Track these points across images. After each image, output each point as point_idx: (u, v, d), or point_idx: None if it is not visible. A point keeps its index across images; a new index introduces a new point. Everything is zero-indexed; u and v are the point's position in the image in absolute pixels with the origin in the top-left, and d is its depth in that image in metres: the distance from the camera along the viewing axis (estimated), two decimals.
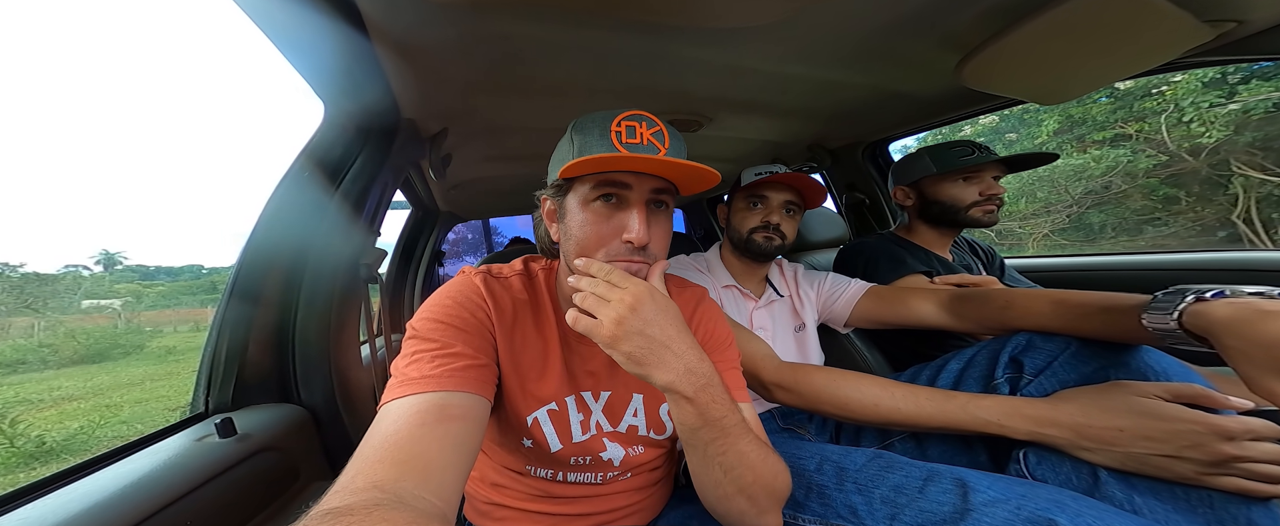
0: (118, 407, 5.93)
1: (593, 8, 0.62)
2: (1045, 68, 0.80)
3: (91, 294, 14.60)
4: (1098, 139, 5.25)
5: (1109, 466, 0.53)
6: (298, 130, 0.82)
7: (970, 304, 0.80)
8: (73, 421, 5.40)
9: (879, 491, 0.55)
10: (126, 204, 56.89)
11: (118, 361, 9.45)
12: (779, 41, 0.77)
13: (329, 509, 0.31)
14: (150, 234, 47.28)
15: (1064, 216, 5.59)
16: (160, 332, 13.13)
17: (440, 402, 0.43)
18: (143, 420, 5.43)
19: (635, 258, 0.51)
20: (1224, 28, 0.70)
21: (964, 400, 0.62)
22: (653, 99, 1.00)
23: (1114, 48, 0.73)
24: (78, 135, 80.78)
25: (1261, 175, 4.29)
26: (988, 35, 0.74)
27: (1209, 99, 4.39)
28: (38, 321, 12.29)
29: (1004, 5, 0.68)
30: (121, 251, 20.33)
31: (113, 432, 5.02)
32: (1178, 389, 0.51)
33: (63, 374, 8.60)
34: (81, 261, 18.77)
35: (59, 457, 4.49)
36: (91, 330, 10.96)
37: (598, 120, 0.51)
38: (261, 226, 0.73)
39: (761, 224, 0.91)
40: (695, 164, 0.47)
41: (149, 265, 25.52)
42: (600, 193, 0.50)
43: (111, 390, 6.97)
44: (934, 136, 1.60)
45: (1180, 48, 0.72)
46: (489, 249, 3.56)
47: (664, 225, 0.54)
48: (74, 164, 65.11)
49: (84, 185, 61.38)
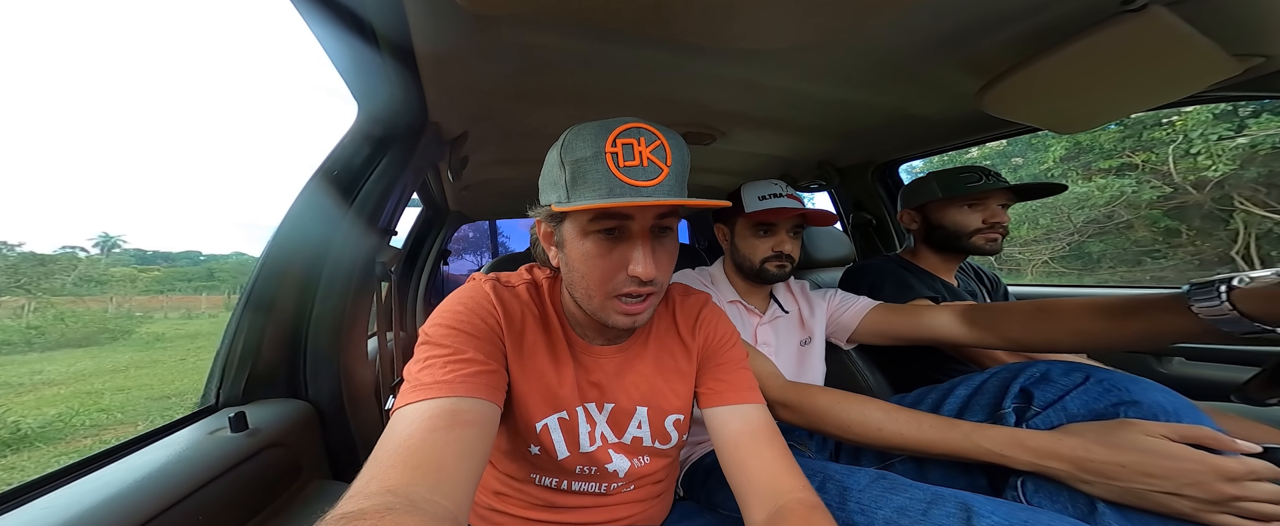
0: (98, 394, 5.86)
1: (624, 24, 0.63)
2: (1067, 97, 0.79)
3: (86, 277, 14.56)
4: (1103, 167, 5.27)
5: (1107, 499, 0.53)
6: (311, 127, 0.83)
7: (990, 314, 0.79)
8: (51, 408, 5.34)
9: (882, 513, 0.55)
10: (133, 186, 56.82)
11: (104, 347, 9.37)
12: (799, 60, 0.78)
13: (343, 513, 0.31)
14: (152, 218, 47.34)
15: (1064, 244, 5.61)
16: (150, 318, 13.06)
17: (452, 408, 0.43)
18: (123, 409, 5.38)
19: (643, 290, 0.49)
20: (1251, 62, 0.69)
21: (967, 429, 0.62)
22: (668, 111, 1.01)
23: (1141, 78, 0.71)
24: (98, 116, 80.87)
25: (1263, 212, 4.31)
26: (1014, 62, 0.73)
27: (1218, 131, 4.40)
28: (29, 302, 12.25)
29: (1033, 32, 0.67)
30: (122, 234, 20.15)
31: (90, 420, 4.96)
32: (1185, 430, 0.51)
33: (47, 358, 8.53)
34: (80, 243, 18.66)
35: (33, 445, 4.43)
36: (81, 313, 10.90)
37: (590, 137, 0.46)
38: (289, 221, 0.74)
39: (773, 253, 0.91)
40: (703, 202, 0.45)
41: (147, 249, 25.29)
42: (600, 226, 0.48)
43: (93, 376, 6.87)
44: (942, 160, 1.62)
45: (1207, 81, 0.70)
46: (493, 250, 3.57)
47: (669, 249, 0.52)
48: (87, 144, 65.12)
49: (94, 165, 61.43)
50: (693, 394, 0.63)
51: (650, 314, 0.53)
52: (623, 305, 0.50)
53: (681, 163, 0.48)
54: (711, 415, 0.60)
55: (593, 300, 0.51)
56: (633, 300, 0.50)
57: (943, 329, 0.84)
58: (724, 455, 0.57)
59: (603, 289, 0.50)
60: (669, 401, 0.61)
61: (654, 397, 0.61)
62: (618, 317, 0.51)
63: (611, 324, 0.52)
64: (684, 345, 0.63)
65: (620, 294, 0.50)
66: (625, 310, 0.51)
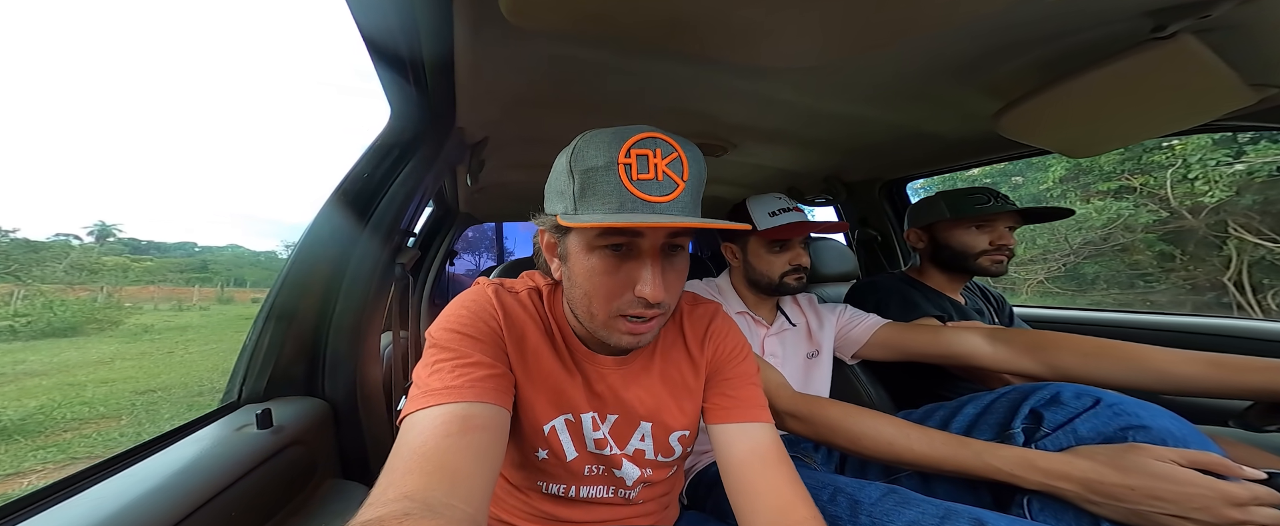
0: (81, 387, 5.78)
1: (654, 41, 0.64)
2: (1084, 121, 0.79)
3: (78, 265, 14.39)
4: (1102, 189, 5.32)
5: (1113, 520, 0.54)
6: (314, 122, 0.84)
7: (1033, 341, 0.79)
8: (32, 399, 5.25)
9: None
10: (132, 175, 56.33)
11: (90, 337, 9.23)
12: (818, 79, 0.79)
13: (362, 521, 0.32)
14: (147, 207, 46.95)
15: (1060, 265, 5.65)
16: (140, 309, 12.87)
17: (464, 413, 0.43)
18: (105, 402, 5.30)
19: (649, 312, 0.47)
20: (1267, 92, 0.69)
21: (979, 448, 0.63)
22: (682, 121, 1.01)
23: (1156, 106, 0.72)
24: (102, 104, 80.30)
25: (1256, 239, 4.36)
26: (1033, 86, 0.73)
27: (1217, 157, 4.44)
28: (18, 289, 12.06)
29: (1057, 57, 0.68)
30: (117, 223, 19.92)
31: (72, 413, 4.88)
32: (1194, 456, 0.52)
33: (31, 347, 8.39)
34: (74, 230, 18.40)
35: (11, 438, 4.36)
36: (70, 302, 10.74)
37: (603, 145, 0.44)
38: (320, 220, 0.75)
39: (791, 268, 0.92)
40: (719, 223, 0.43)
41: (141, 239, 25.07)
42: (608, 242, 0.45)
43: (77, 368, 6.75)
44: (944, 179, 1.64)
45: (1222, 109, 0.71)
46: (498, 253, 3.57)
47: (679, 269, 0.49)
48: (88, 133, 64.64)
49: (95, 154, 60.92)
50: (698, 409, 0.61)
51: (655, 334, 0.51)
52: (627, 325, 0.48)
53: (697, 178, 0.46)
54: (718, 431, 0.58)
55: (595, 319, 0.49)
56: (637, 321, 0.47)
57: (970, 350, 0.84)
58: (730, 475, 0.55)
59: (606, 308, 0.47)
60: (674, 418, 0.59)
61: (659, 413, 0.59)
62: (621, 338, 0.49)
63: (613, 344, 0.50)
64: (691, 359, 0.61)
65: (625, 314, 0.47)
66: (629, 330, 0.48)
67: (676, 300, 0.51)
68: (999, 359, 0.82)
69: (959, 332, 0.87)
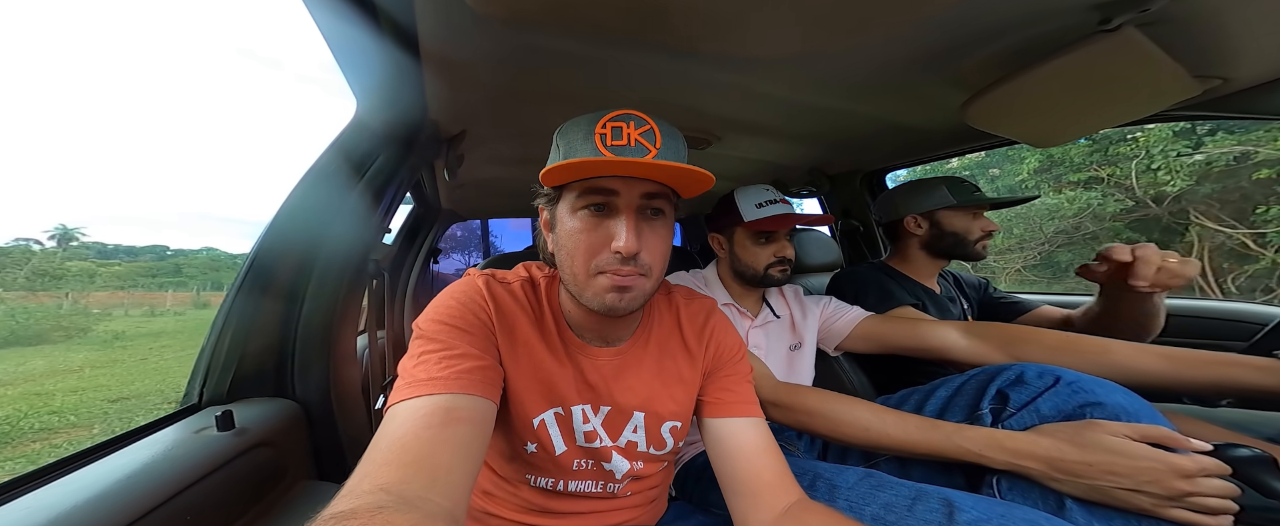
0: (49, 396, 5.60)
1: (627, 29, 0.64)
2: (1043, 112, 0.83)
3: (40, 272, 13.86)
4: (1073, 180, 5.50)
5: (1075, 495, 0.56)
6: (287, 119, 0.82)
7: (1005, 335, 0.83)
8: None
9: (869, 509, 0.58)
10: (95, 176, 53.90)
11: (57, 344, 8.90)
12: (794, 70, 0.80)
13: (335, 513, 0.31)
14: (114, 210, 45.12)
15: (1036, 253, 5.84)
16: (109, 316, 12.40)
17: (447, 405, 0.42)
18: (76, 411, 5.14)
19: (625, 268, 0.48)
20: (1211, 83, 0.73)
21: (949, 431, 0.65)
22: (665, 113, 0.99)
23: (1109, 97, 0.76)
24: (63, 102, 76.44)
25: (1216, 226, 4.56)
26: (996, 78, 0.76)
27: (1177, 148, 4.64)
28: None
29: (1015, 49, 0.71)
30: (80, 226, 19.24)
31: (40, 423, 4.74)
32: (1145, 430, 0.55)
33: None
34: (34, 235, 17.67)
35: None
36: (32, 309, 10.34)
37: (583, 122, 0.49)
38: (281, 217, 0.72)
39: (776, 259, 0.93)
40: (681, 165, 0.44)
41: (108, 243, 24.07)
42: (587, 202, 0.48)
43: (45, 377, 6.55)
44: (924, 170, 1.67)
45: (1170, 100, 0.75)
46: (484, 250, 3.52)
47: (660, 233, 0.51)
48: (50, 131, 61.53)
49: (53, 154, 58.15)
50: (693, 401, 0.62)
51: (639, 300, 0.51)
52: (607, 281, 0.49)
53: (672, 150, 0.49)
54: (714, 425, 0.59)
55: (578, 279, 0.50)
56: (617, 278, 0.49)
57: (947, 344, 0.87)
58: (723, 464, 0.57)
59: (586, 265, 0.49)
60: (667, 408, 0.60)
61: (651, 403, 0.60)
62: (604, 296, 0.49)
63: (598, 308, 0.50)
64: (688, 351, 0.62)
65: (604, 271, 0.49)
66: (610, 285, 0.49)
67: (658, 266, 0.52)
68: (973, 352, 0.85)
69: (936, 327, 0.90)
